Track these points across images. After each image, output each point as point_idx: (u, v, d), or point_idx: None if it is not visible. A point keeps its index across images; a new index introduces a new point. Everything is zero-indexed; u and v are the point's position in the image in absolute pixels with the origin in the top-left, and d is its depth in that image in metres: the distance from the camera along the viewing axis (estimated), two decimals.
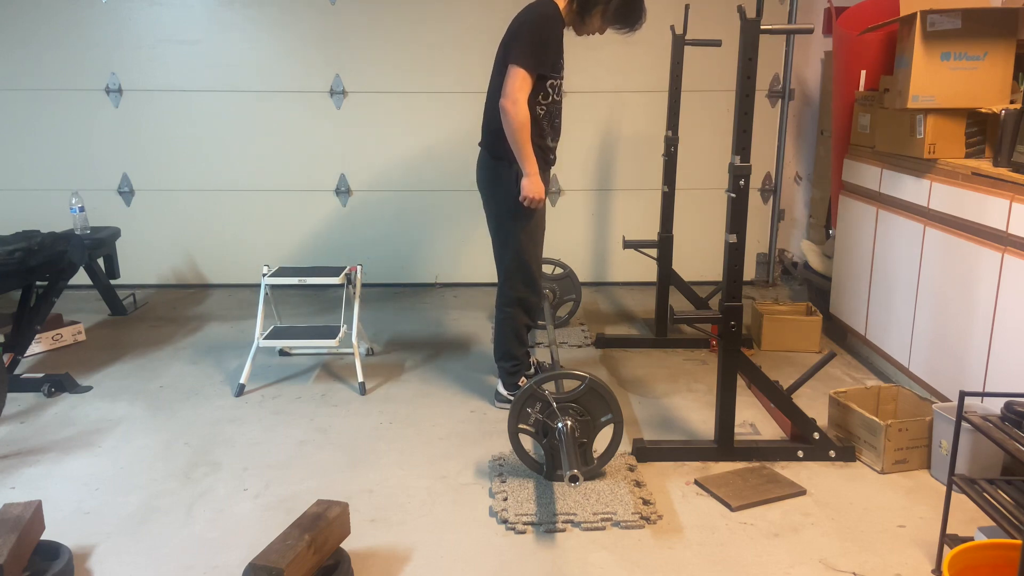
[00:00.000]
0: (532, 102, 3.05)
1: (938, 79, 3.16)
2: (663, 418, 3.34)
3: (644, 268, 4.49)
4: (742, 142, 2.68)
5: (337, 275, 3.65)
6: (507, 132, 3.00)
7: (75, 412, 3.38)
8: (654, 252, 4.12)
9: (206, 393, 3.57)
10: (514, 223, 3.19)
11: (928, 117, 3.21)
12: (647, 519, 2.55)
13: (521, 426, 2.76)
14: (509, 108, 2.96)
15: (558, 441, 2.67)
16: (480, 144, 3.27)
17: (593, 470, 2.77)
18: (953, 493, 2.29)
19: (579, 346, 4.13)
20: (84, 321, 4.36)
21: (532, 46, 2.98)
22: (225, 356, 4.00)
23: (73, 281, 3.91)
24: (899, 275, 3.49)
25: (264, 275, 3.66)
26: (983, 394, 2.79)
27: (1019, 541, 2.01)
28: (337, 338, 3.59)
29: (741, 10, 2.62)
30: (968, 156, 3.22)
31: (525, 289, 3.27)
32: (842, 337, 4.14)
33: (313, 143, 5.04)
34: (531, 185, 3.07)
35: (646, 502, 2.65)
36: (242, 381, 3.56)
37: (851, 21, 4.05)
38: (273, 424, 3.27)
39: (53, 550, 2.29)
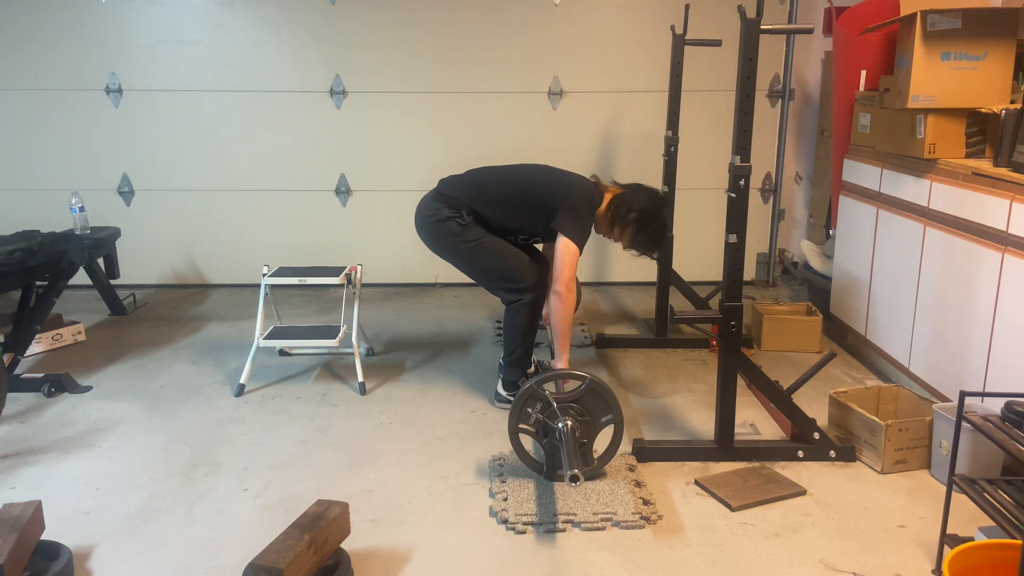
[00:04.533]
0: (508, 232, 3.33)
1: (938, 79, 3.16)
2: (663, 418, 3.34)
3: (644, 268, 4.48)
4: (742, 142, 2.68)
5: (337, 275, 3.65)
6: (557, 314, 3.18)
7: (75, 412, 3.38)
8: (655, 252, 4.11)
9: (206, 393, 3.57)
10: (471, 256, 3.31)
11: (928, 117, 3.21)
12: (647, 519, 2.55)
13: (521, 426, 2.76)
14: (565, 293, 3.15)
15: (558, 441, 2.67)
16: (441, 193, 3.37)
17: (593, 470, 2.77)
18: (953, 493, 2.29)
19: (579, 346, 4.12)
20: (84, 321, 4.36)
21: (584, 226, 3.22)
22: (225, 356, 4.00)
23: (73, 281, 3.91)
24: (899, 275, 3.49)
25: (264, 275, 3.66)
26: (983, 394, 2.80)
27: (1019, 541, 2.01)
28: (337, 338, 3.59)
29: (741, 10, 2.62)
30: (968, 156, 3.22)
31: (514, 292, 3.31)
32: (842, 337, 4.14)
33: (313, 143, 5.04)
34: (563, 367, 3.22)
35: (646, 502, 2.64)
36: (242, 381, 3.56)
37: (851, 21, 4.05)
38: (273, 424, 3.27)
39: (53, 550, 2.29)
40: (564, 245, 3.15)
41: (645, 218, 3.29)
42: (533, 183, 3.32)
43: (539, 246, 3.59)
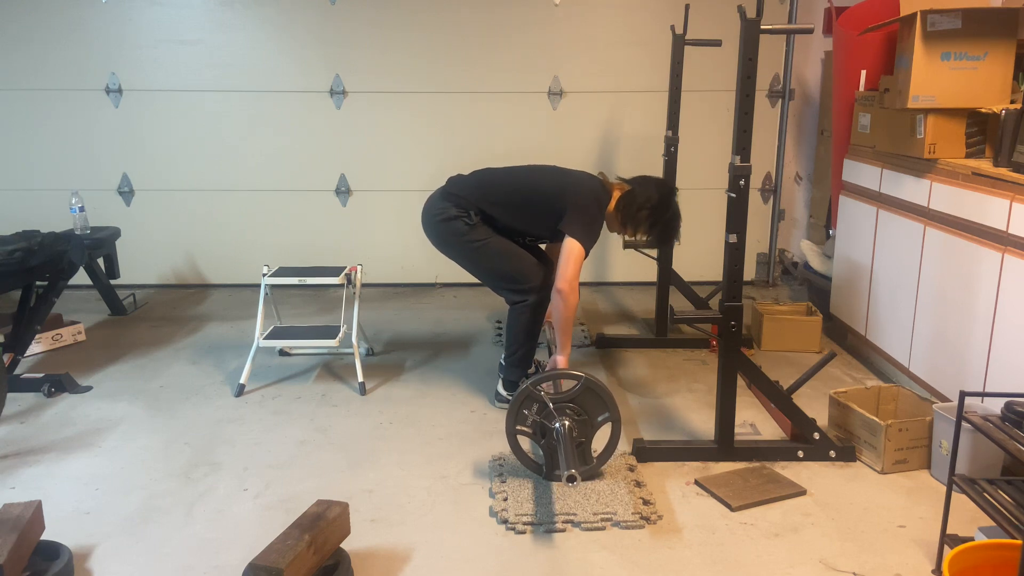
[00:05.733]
0: (516, 232, 3.33)
1: (938, 79, 3.16)
2: (663, 418, 3.34)
3: (644, 268, 4.49)
4: (742, 142, 2.68)
5: (337, 275, 3.65)
6: (558, 312, 3.16)
7: (75, 412, 3.38)
8: (654, 252, 4.11)
9: (206, 393, 3.57)
10: (476, 256, 3.31)
11: (928, 117, 3.21)
12: (647, 519, 2.55)
13: (519, 427, 2.76)
14: (567, 291, 3.12)
15: (555, 441, 2.67)
16: (449, 192, 3.35)
17: (592, 469, 2.77)
18: (953, 493, 2.29)
19: (579, 346, 4.12)
20: (84, 321, 4.36)
21: (592, 227, 3.19)
22: (225, 356, 4.00)
23: (73, 281, 3.91)
24: (899, 275, 3.49)
25: (264, 275, 3.66)
26: (983, 394, 2.80)
27: (1019, 541, 2.01)
28: (337, 338, 3.59)
29: (741, 10, 2.62)
30: (968, 156, 3.22)
31: (518, 293, 3.31)
32: (842, 337, 4.14)
33: (313, 143, 5.04)
34: (563, 364, 3.18)
35: (646, 502, 2.64)
36: (242, 381, 3.56)
37: (851, 21, 4.05)
38: (273, 424, 3.27)
39: (53, 550, 2.29)
40: (571, 245, 3.14)
41: (657, 212, 3.29)
42: (541, 185, 3.32)
43: (542, 246, 3.59)
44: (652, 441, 3.01)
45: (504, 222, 3.31)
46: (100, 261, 4.53)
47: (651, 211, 3.28)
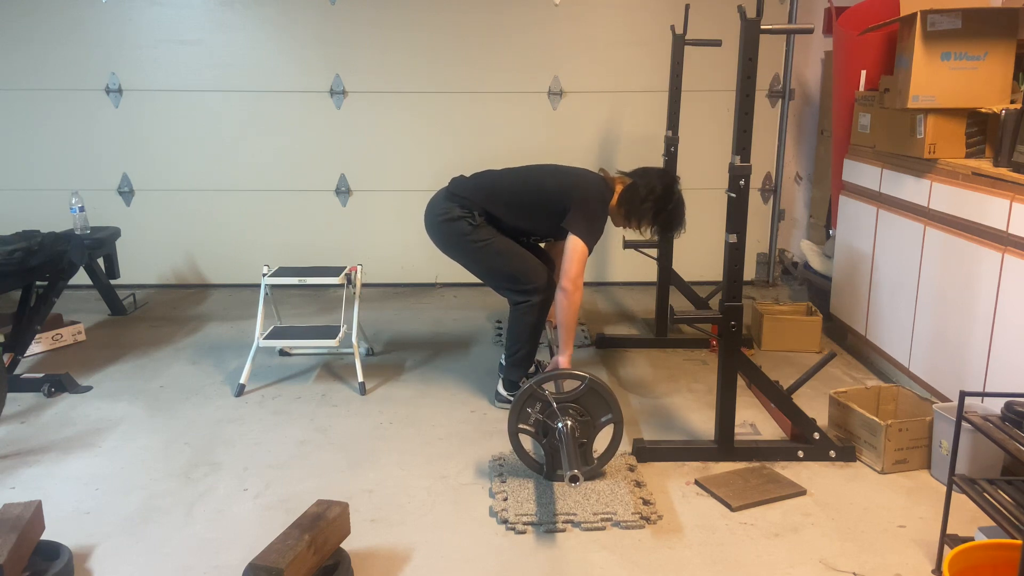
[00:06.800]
0: (522, 233, 3.35)
1: (938, 79, 3.16)
2: (663, 418, 3.34)
3: (644, 268, 4.49)
4: (742, 142, 2.68)
5: (337, 275, 3.65)
6: (562, 311, 3.16)
7: (75, 412, 3.38)
8: (654, 252, 4.12)
9: (206, 393, 3.57)
10: (479, 257, 3.31)
11: (928, 117, 3.21)
12: (647, 519, 2.55)
13: (521, 426, 2.76)
14: (571, 290, 3.13)
15: (558, 441, 2.67)
16: (452, 193, 3.34)
17: (593, 470, 2.77)
18: (953, 493, 2.29)
19: (579, 346, 4.12)
20: (84, 321, 4.36)
21: (595, 225, 3.21)
22: (225, 356, 4.00)
23: (73, 281, 3.91)
24: (899, 275, 3.49)
25: (264, 275, 3.66)
26: (983, 394, 2.80)
27: (1019, 541, 2.01)
28: (337, 338, 3.59)
29: (741, 10, 2.62)
30: (968, 156, 3.22)
31: (521, 294, 3.30)
32: (842, 337, 4.14)
33: (313, 143, 5.04)
34: (565, 363, 3.18)
35: (646, 502, 2.64)
36: (242, 381, 3.56)
37: (851, 21, 4.05)
38: (273, 424, 3.27)
39: (53, 550, 2.29)
40: (574, 243, 3.14)
41: (661, 202, 3.27)
42: (544, 184, 3.31)
43: (542, 245, 3.59)
44: (652, 441, 3.01)
45: (509, 222, 3.31)
46: (100, 261, 4.53)
47: (655, 202, 3.27)
